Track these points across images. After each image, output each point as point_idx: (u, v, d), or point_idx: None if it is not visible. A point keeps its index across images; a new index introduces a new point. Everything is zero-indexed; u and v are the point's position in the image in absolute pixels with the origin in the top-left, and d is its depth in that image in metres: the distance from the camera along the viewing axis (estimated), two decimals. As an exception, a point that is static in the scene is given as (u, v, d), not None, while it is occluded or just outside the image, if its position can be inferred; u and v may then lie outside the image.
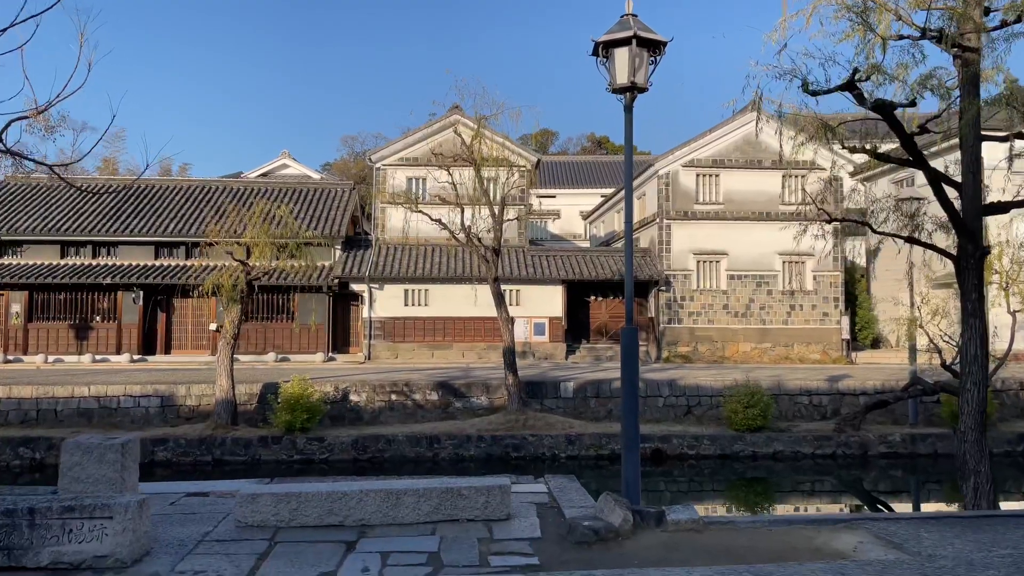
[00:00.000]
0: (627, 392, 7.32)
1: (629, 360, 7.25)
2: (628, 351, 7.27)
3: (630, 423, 7.35)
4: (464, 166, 18.38)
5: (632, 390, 7.31)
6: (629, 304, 7.56)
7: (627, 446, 7.44)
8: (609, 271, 27.68)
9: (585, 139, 69.91)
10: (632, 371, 7.25)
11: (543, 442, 16.53)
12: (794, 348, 27.25)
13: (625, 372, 7.25)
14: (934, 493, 16.18)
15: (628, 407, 7.36)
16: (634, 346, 7.29)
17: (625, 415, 7.40)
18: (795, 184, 27.76)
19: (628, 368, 7.23)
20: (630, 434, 7.38)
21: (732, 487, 16.21)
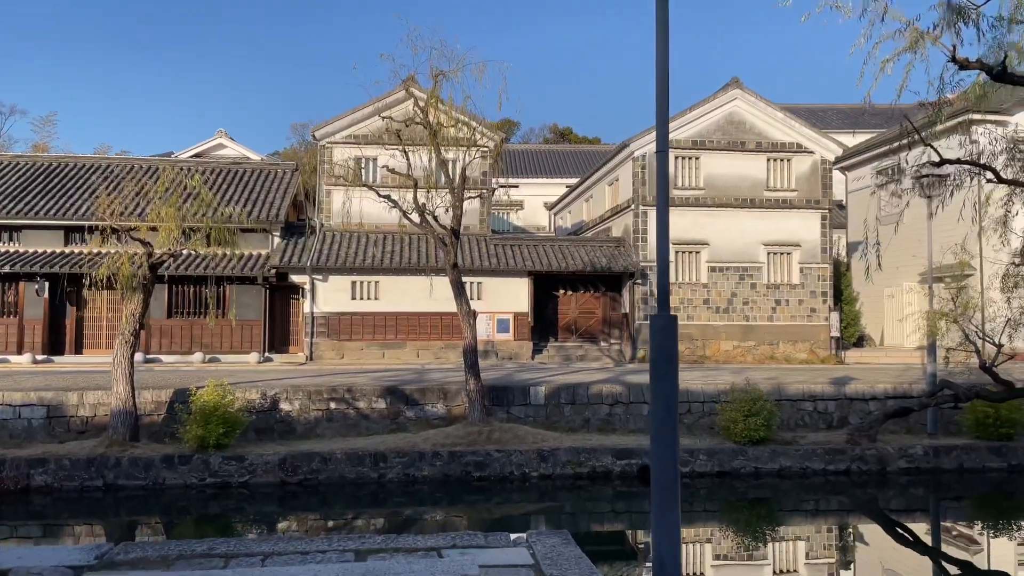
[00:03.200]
0: (659, 419, 4.67)
1: (663, 372, 4.61)
2: (662, 355, 4.63)
3: (666, 468, 4.69)
4: (419, 146, 15.63)
5: (668, 417, 4.65)
6: (663, 275, 4.91)
7: (662, 504, 4.78)
8: (580, 262, 25.13)
9: (548, 130, 67.47)
10: (667, 389, 4.62)
11: (511, 459, 13.86)
12: (779, 346, 25.04)
13: (658, 392, 4.61)
14: (954, 512, 13.94)
15: (661, 442, 4.70)
16: (670, 349, 4.66)
17: (656, 456, 4.73)
18: (781, 169, 25.59)
19: (663, 384, 4.60)
20: (665, 488, 4.72)
21: (733, 510, 13.74)
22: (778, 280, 25.33)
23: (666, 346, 4.57)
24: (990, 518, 13.50)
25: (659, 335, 4.61)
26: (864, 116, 44.45)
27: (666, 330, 4.61)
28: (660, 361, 4.53)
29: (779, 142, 25.43)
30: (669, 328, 4.63)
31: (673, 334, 4.68)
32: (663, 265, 4.94)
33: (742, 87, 25.33)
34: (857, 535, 12.54)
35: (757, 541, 12.05)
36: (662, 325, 4.60)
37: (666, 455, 4.55)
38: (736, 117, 25.42)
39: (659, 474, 4.61)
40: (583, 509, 13.43)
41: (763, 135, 25.44)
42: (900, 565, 10.77)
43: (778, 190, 25.41)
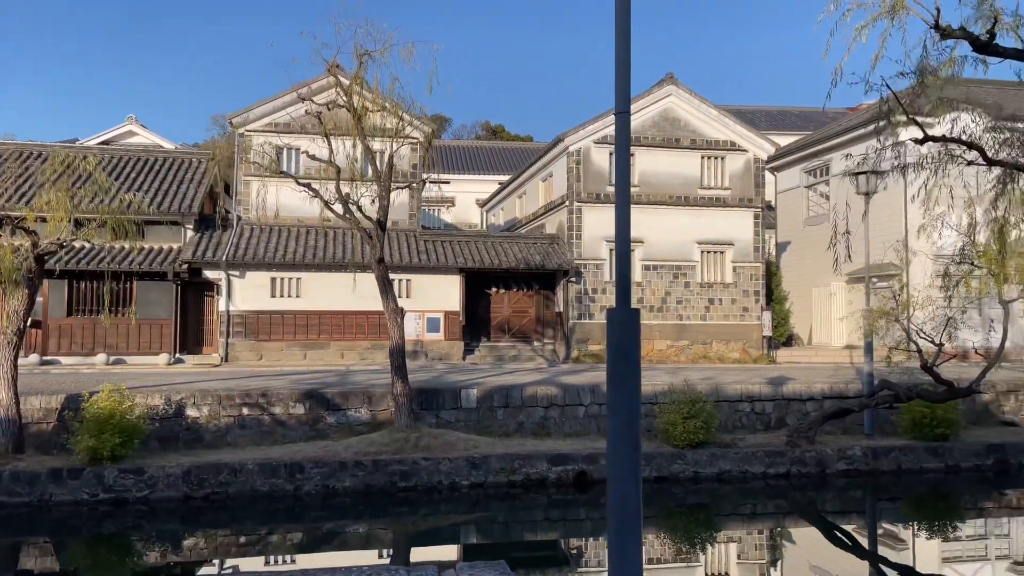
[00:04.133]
0: (619, 434, 3.86)
1: (622, 376, 3.80)
2: (621, 355, 3.83)
3: (626, 495, 3.87)
4: (344, 136, 14.55)
5: (629, 431, 3.85)
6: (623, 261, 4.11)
7: (621, 545, 3.94)
8: (513, 259, 24.37)
9: (480, 127, 66.68)
10: (628, 397, 3.81)
11: (439, 467, 12.95)
12: (712, 346, 24.82)
13: (617, 401, 3.81)
14: (889, 513, 13.73)
15: (620, 462, 3.89)
16: (631, 349, 3.86)
17: (616, 480, 3.92)
18: (715, 167, 25.39)
19: (622, 391, 3.79)
20: (625, 521, 3.90)
21: (670, 516, 13.17)
22: (712, 279, 25.13)
23: (626, 345, 3.81)
24: (925, 519, 13.35)
25: (618, 332, 3.83)
26: (789, 117, 45.22)
27: (626, 326, 3.83)
28: (619, 363, 3.75)
29: (713, 140, 25.23)
30: (630, 324, 3.86)
31: (635, 331, 3.91)
32: (623, 248, 4.16)
33: (677, 83, 25.02)
34: (795, 539, 12.16)
35: (695, 547, 11.57)
36: (622, 320, 3.82)
37: (626, 478, 3.75)
38: (671, 114, 25.10)
39: (617, 503, 3.80)
40: (516, 519, 12.66)
41: (698, 132, 25.19)
42: (836, 568, 10.46)
43: (712, 188, 25.21)
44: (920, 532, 12.58)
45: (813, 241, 29.99)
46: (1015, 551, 11.18)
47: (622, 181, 4.24)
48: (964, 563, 10.48)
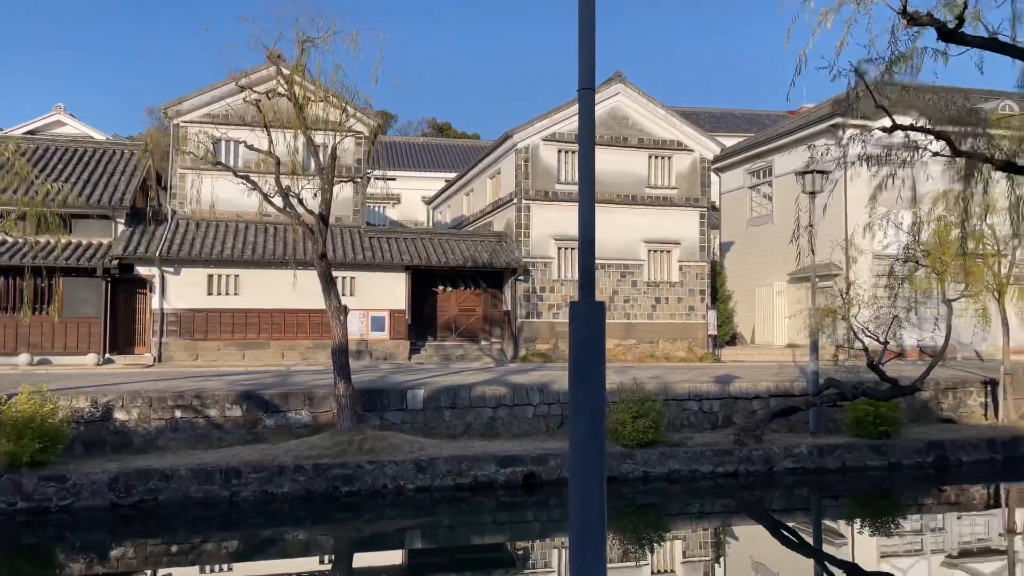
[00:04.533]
0: (583, 436, 3.57)
1: (586, 376, 3.50)
2: (586, 353, 3.53)
3: (589, 506, 3.57)
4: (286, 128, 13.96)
5: (593, 435, 3.55)
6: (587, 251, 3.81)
7: (583, 561, 3.63)
8: (460, 257, 23.98)
9: (426, 124, 65.93)
10: (592, 398, 3.52)
11: (385, 471, 12.51)
12: (659, 344, 24.86)
13: (581, 403, 3.51)
14: (833, 511, 13.86)
15: (584, 467, 3.60)
16: (596, 346, 3.56)
17: (579, 489, 3.64)
18: (662, 166, 25.46)
19: (587, 392, 3.49)
20: (587, 533, 3.60)
21: (620, 518, 12.99)
22: (658, 278, 25.17)
23: (591, 341, 3.51)
24: (868, 516, 13.52)
25: (581, 328, 3.53)
26: (732, 119, 45.89)
27: (591, 321, 3.54)
28: (583, 361, 3.46)
29: (661, 139, 25.28)
30: (595, 319, 3.56)
31: (599, 326, 3.62)
32: (587, 235, 3.85)
33: (625, 82, 24.99)
34: (742, 538, 12.14)
35: (644, 548, 11.46)
36: (586, 315, 3.52)
37: (590, 484, 3.46)
38: (619, 112, 25.05)
39: (580, 511, 3.50)
40: (463, 523, 12.32)
41: (645, 132, 25.21)
42: (782, 566, 10.47)
43: (659, 187, 25.26)
44: (863, 529, 12.72)
45: (756, 241, 30.42)
46: (949, 545, 11.37)
47: (586, 160, 3.94)
48: (902, 558, 10.65)
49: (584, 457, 3.45)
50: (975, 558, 10.63)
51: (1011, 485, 14.94)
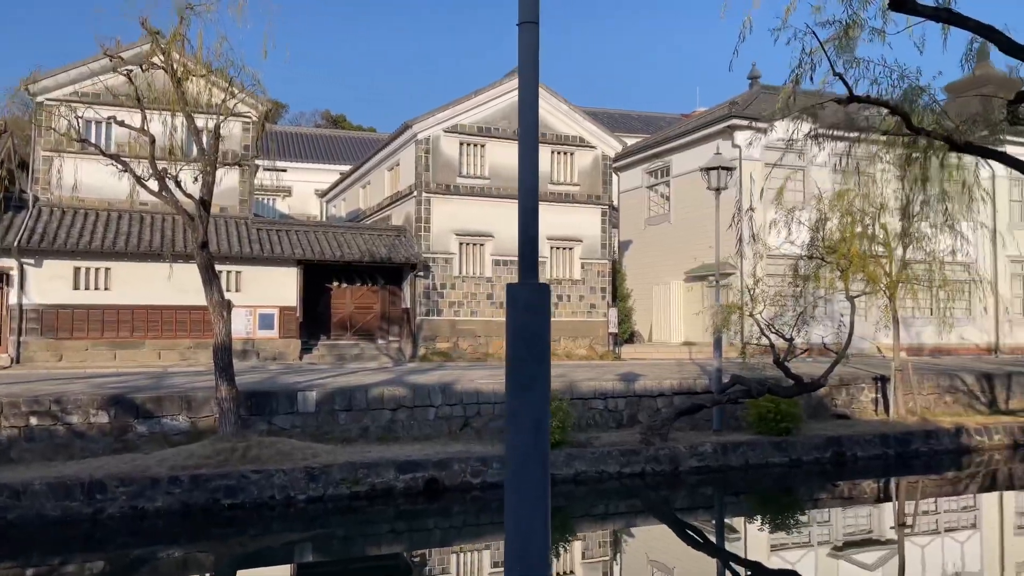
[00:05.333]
0: (523, 451, 2.88)
1: (529, 378, 2.82)
2: (533, 349, 2.84)
3: (531, 539, 2.88)
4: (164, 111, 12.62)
5: (535, 448, 2.87)
6: (529, 219, 3.11)
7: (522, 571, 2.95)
8: (357, 251, 22.87)
9: (319, 116, 63.75)
10: (535, 404, 2.83)
11: (272, 480, 11.45)
12: (560, 342, 24.54)
13: (521, 409, 2.82)
14: (735, 508, 13.85)
15: (526, 486, 2.91)
16: (541, 340, 2.88)
17: (518, 510, 2.94)
18: (564, 162, 25.17)
19: (529, 397, 2.80)
20: (533, 551, 2.91)
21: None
22: (560, 275, 24.86)
23: (535, 336, 2.83)
24: (768, 512, 13.57)
25: (522, 315, 2.84)
26: (630, 120, 46.44)
27: (535, 308, 2.85)
28: (523, 358, 2.77)
29: (564, 135, 24.98)
30: (539, 305, 2.88)
31: (544, 315, 2.95)
32: (529, 201, 3.16)
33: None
34: (645, 538, 11.92)
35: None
36: (529, 299, 2.83)
37: (532, 512, 2.78)
38: (522, 106, 24.58)
39: (519, 544, 2.80)
40: (359, 533, 11.45)
41: (548, 127, 24.85)
42: (684, 565, 10.37)
43: (562, 184, 24.95)
44: (763, 525, 12.74)
45: (654, 240, 30.70)
46: (839, 538, 11.55)
47: (528, 104, 3.23)
48: (791, 551, 10.72)
49: (524, 479, 2.77)
50: (864, 549, 10.89)
51: (901, 479, 15.33)
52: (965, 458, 16.16)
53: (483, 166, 24.07)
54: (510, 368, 2.92)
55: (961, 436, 16.39)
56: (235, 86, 12.95)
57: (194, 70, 12.34)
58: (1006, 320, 28.58)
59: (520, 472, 2.81)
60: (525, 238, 3.04)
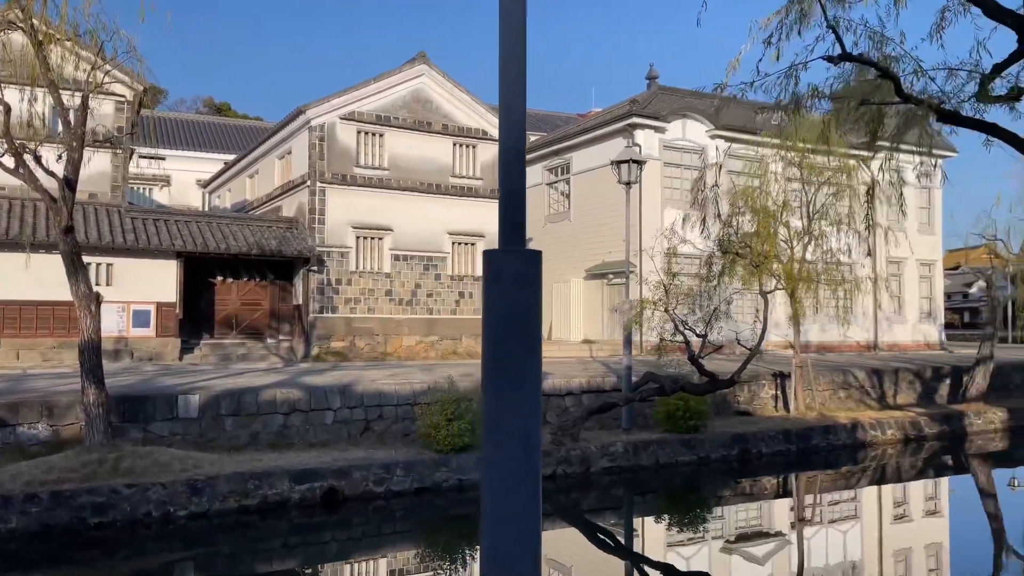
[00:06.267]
0: (507, 471, 2.14)
1: (517, 378, 2.09)
2: (518, 337, 2.11)
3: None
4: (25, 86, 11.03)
5: (527, 462, 2.15)
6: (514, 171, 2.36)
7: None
8: (244, 243, 21.33)
9: (201, 103, 60.39)
10: (522, 405, 2.11)
11: (148, 495, 10.18)
12: (462, 341, 23.82)
13: (507, 414, 2.08)
14: (643, 508, 13.63)
15: (510, 525, 2.16)
16: (529, 325, 2.15)
17: (494, 555, 2.17)
18: (467, 155, 24.45)
19: (510, 394, 2.08)
20: None
21: (430, 532, 11.70)
22: (462, 271, 24.11)
23: (526, 318, 2.11)
24: (675, 511, 13.46)
25: (508, 293, 2.11)
26: (528, 119, 46.35)
27: (526, 282, 2.13)
28: (513, 351, 2.06)
29: (466, 127, 24.24)
30: (530, 277, 2.16)
31: (537, 290, 2.24)
32: (513, 145, 2.41)
33: (429, 63, 23.66)
34: (554, 542, 11.45)
35: (454, 563, 10.33)
36: (517, 272, 2.11)
37: (521, 551, 2.05)
38: (423, 95, 23.67)
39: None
40: (247, 551, 10.34)
41: (450, 118, 24.05)
42: (592, 568, 10.23)
43: (464, 177, 24.21)
44: (670, 524, 12.65)
45: (554, 238, 30.44)
46: (736, 533, 11.73)
47: (509, 35, 2.49)
48: (694, 548, 10.83)
49: (509, 510, 2.04)
50: (762, 542, 11.16)
51: (801, 474, 15.51)
52: (861, 452, 16.58)
53: (382, 156, 23.00)
54: (490, 362, 2.20)
55: (857, 431, 16.79)
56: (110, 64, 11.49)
57: (58, 32, 10.82)
58: (884, 318, 30.02)
59: (504, 501, 2.10)
60: (508, 191, 2.32)
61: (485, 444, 2.18)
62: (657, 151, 25.78)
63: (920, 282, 31.45)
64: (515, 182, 2.24)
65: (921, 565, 10.64)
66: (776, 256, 15.51)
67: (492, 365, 2.16)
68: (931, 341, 31.71)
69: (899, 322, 30.90)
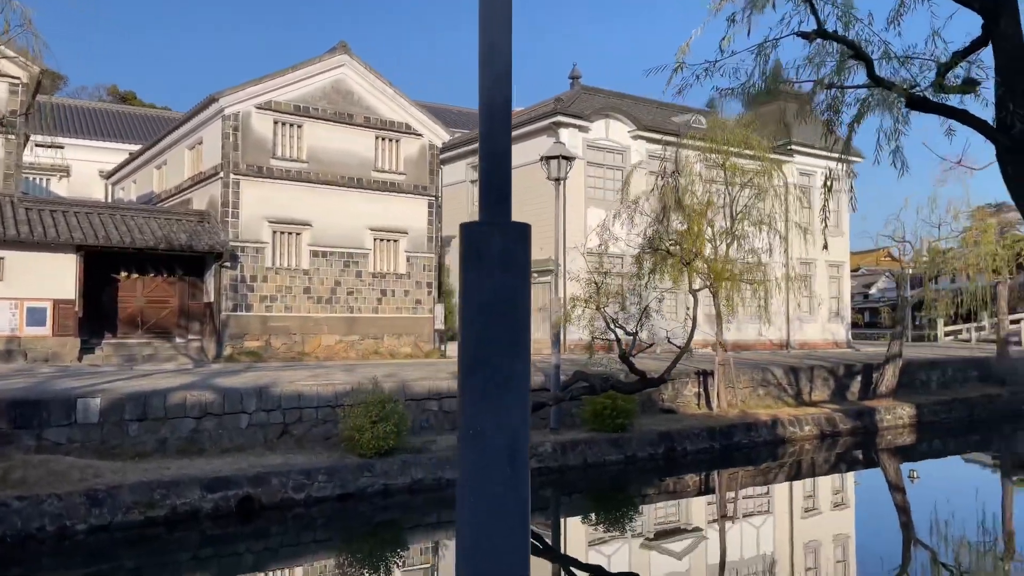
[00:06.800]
0: (491, 483, 1.78)
1: (498, 362, 1.73)
2: (495, 323, 1.75)
3: None
4: None
5: (515, 484, 1.79)
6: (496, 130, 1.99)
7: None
8: (151, 237, 20.11)
9: (105, 91, 57.26)
10: (512, 405, 1.75)
11: (42, 508, 9.33)
12: (384, 340, 23.19)
13: (487, 414, 1.72)
14: (569, 508, 13.49)
15: (500, 547, 1.79)
16: (515, 311, 1.80)
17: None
18: (390, 149, 23.84)
19: (496, 395, 1.72)
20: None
21: (353, 540, 11.20)
22: (385, 269, 23.47)
23: (514, 306, 1.75)
24: (600, 511, 13.34)
25: (493, 275, 1.74)
26: (449, 115, 45.73)
27: (513, 262, 1.74)
28: (498, 347, 1.70)
29: (389, 120, 23.61)
30: (518, 256, 1.78)
31: (526, 273, 1.88)
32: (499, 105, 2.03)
33: (351, 53, 22.92)
34: None
35: (377, 571, 9.89)
36: (503, 249, 1.73)
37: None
38: (344, 86, 22.92)
39: None
40: (154, 564, 9.60)
41: (372, 110, 23.38)
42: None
43: (387, 172, 23.57)
44: (595, 524, 12.58)
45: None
46: (658, 530, 11.82)
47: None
48: (617, 546, 10.87)
49: (493, 535, 1.69)
50: (682, 538, 11.31)
51: (724, 471, 15.67)
52: (780, 449, 16.88)
53: (300, 148, 22.12)
54: (469, 361, 1.83)
55: (777, 428, 17.10)
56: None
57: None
58: (796, 318, 30.94)
59: (487, 532, 1.73)
60: (491, 152, 1.92)
61: (463, 461, 1.82)
62: (581, 150, 25.76)
63: (829, 283, 32.57)
64: (499, 142, 1.87)
65: (829, 557, 10.94)
66: (703, 255, 15.62)
67: (472, 365, 1.79)
68: (839, 340, 32.88)
69: (810, 321, 31.90)
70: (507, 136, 1.92)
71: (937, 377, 23.25)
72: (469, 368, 1.87)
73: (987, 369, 24.35)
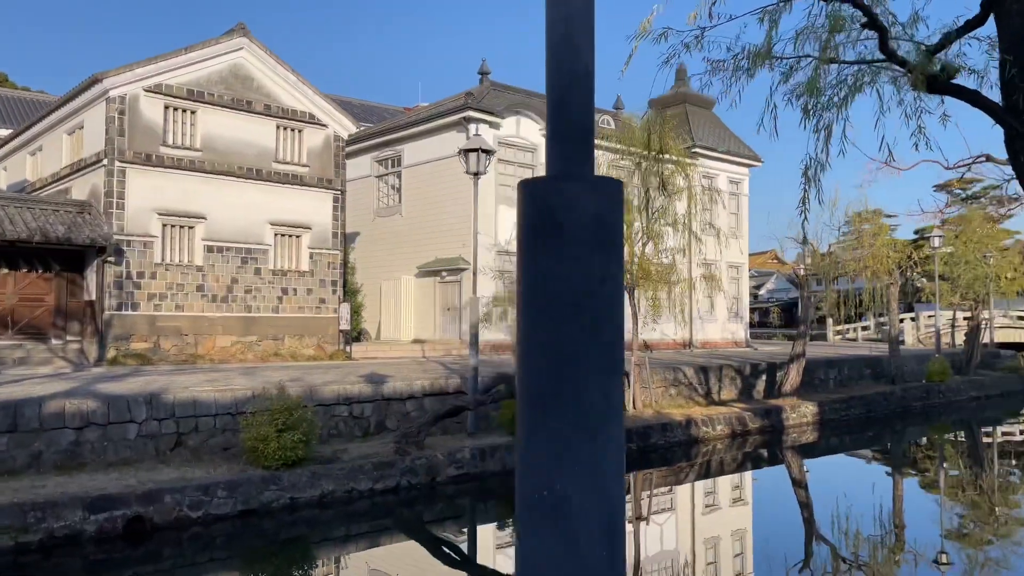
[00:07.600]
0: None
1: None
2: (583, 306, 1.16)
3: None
4: None
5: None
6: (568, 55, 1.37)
7: None
8: (23, 229, 18.21)
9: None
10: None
11: None
12: (285, 341, 21.95)
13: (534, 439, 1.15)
14: (485, 516, 13.04)
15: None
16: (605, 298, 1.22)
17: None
18: (292, 139, 22.62)
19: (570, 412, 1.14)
20: None
21: (257, 560, 10.31)
22: (286, 266, 22.22)
23: (606, 309, 1.19)
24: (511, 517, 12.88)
25: (574, 260, 1.14)
26: (352, 108, 44.31)
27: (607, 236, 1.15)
28: (584, 367, 1.12)
29: (291, 109, 22.39)
30: (611, 228, 1.18)
31: (619, 253, 1.28)
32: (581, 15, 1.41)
33: (250, 36, 21.57)
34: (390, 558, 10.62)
35: None
36: (596, 217, 1.12)
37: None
38: (243, 71, 21.54)
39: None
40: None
41: (274, 98, 22.09)
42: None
43: (289, 163, 22.32)
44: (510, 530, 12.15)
45: (384, 233, 29.13)
46: None
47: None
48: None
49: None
50: None
51: (639, 472, 15.52)
52: (694, 448, 16.91)
53: (194, 136, 20.60)
54: (538, 388, 1.21)
55: (691, 428, 17.12)
56: None
57: None
58: (698, 317, 31.51)
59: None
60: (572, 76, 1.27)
61: (526, 537, 1.23)
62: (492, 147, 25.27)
63: (729, 283, 33.36)
64: (583, 60, 1.23)
65: (728, 551, 11.32)
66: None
67: (543, 396, 1.18)
68: (739, 339, 33.75)
69: (711, 321, 32.58)
70: (591, 53, 1.30)
71: (835, 376, 24.07)
72: (537, 400, 1.27)
73: (880, 367, 25.43)
